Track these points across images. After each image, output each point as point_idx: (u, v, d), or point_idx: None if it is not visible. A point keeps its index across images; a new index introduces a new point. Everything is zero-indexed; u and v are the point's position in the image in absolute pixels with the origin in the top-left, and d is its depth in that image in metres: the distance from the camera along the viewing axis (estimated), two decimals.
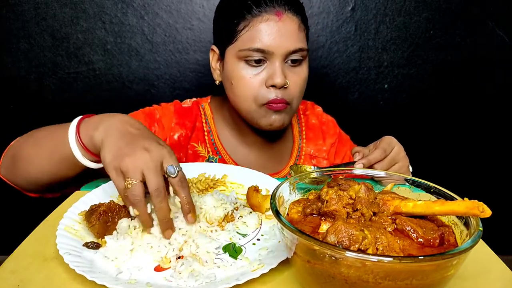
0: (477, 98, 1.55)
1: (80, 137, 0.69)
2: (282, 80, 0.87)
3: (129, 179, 0.59)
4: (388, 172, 0.59)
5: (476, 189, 1.64)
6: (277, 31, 0.87)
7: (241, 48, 0.88)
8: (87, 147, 0.69)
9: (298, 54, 0.90)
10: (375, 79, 1.50)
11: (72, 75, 1.44)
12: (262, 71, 0.89)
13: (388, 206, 0.49)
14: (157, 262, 0.56)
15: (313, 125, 1.13)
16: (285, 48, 0.87)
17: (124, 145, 0.62)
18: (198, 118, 1.05)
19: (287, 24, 0.88)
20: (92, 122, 0.70)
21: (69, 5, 1.36)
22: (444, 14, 1.43)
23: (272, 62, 0.88)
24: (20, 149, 0.78)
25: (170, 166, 0.61)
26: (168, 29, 1.41)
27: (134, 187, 0.58)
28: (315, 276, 0.42)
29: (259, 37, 0.87)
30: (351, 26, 1.44)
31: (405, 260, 0.36)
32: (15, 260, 0.55)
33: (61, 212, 0.65)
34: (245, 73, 0.89)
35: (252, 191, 0.71)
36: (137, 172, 0.59)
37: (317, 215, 0.51)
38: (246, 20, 0.87)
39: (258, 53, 0.87)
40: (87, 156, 0.71)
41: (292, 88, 0.91)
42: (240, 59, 0.89)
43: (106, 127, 0.67)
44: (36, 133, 0.79)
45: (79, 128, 0.70)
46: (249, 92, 0.90)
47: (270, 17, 0.86)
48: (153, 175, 0.59)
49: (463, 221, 0.47)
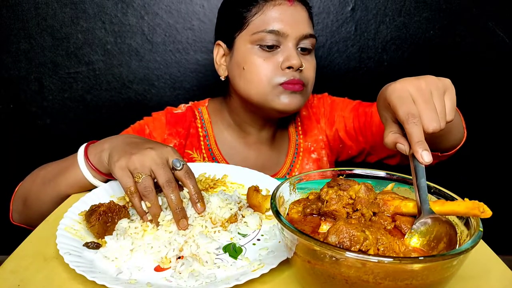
0: (477, 98, 1.55)
1: (90, 160, 0.74)
2: (298, 61, 0.88)
3: (138, 174, 0.63)
4: (388, 172, 0.58)
5: (476, 189, 1.64)
6: (290, 14, 0.89)
7: (254, 31, 0.90)
8: (97, 168, 0.74)
9: (309, 41, 0.92)
10: (375, 79, 1.49)
11: (72, 75, 1.44)
12: (276, 55, 0.90)
13: (388, 206, 0.49)
14: (157, 262, 0.56)
15: (304, 117, 1.12)
16: (298, 31, 0.89)
17: (130, 148, 0.67)
18: (192, 124, 1.04)
19: (298, 9, 0.91)
20: (99, 143, 0.75)
21: (69, 5, 1.36)
22: (444, 14, 1.43)
23: (285, 46, 0.90)
24: (29, 192, 0.82)
25: (175, 160, 0.66)
26: (168, 29, 1.41)
27: (144, 179, 0.63)
28: (315, 276, 0.42)
29: (273, 20, 0.89)
30: (351, 26, 1.44)
31: (405, 260, 0.36)
32: (15, 260, 0.55)
33: (61, 212, 0.65)
34: (258, 57, 0.90)
35: (252, 191, 0.71)
36: (145, 168, 0.64)
37: (317, 215, 0.51)
38: (258, 5, 0.90)
39: (272, 35, 0.88)
40: (98, 177, 0.76)
41: (307, 72, 0.93)
42: (253, 43, 0.90)
43: (110, 144, 0.72)
44: (41, 171, 0.83)
45: (87, 153, 0.75)
46: (264, 74, 0.90)
47: (283, 2, 0.89)
48: (161, 169, 0.64)
49: (464, 221, 0.47)
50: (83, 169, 0.75)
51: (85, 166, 0.75)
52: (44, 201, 0.79)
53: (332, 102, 1.12)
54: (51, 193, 0.78)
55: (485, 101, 1.55)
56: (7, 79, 1.43)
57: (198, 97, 1.15)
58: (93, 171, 0.74)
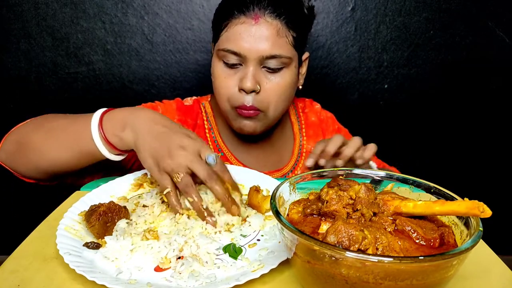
0: (477, 98, 1.55)
1: (106, 135, 0.70)
2: (251, 85, 0.86)
3: (176, 174, 0.64)
4: (388, 172, 0.59)
5: (476, 189, 1.64)
6: (252, 34, 0.85)
7: (219, 47, 0.89)
8: (115, 146, 0.71)
9: (276, 60, 0.87)
10: (375, 79, 1.49)
11: (72, 75, 1.44)
12: (237, 73, 0.89)
13: (388, 206, 0.49)
14: (157, 262, 0.56)
15: (312, 123, 1.13)
16: (258, 53, 0.86)
17: (159, 146, 0.66)
18: (200, 116, 1.05)
19: (263, 28, 0.85)
20: (117, 120, 0.71)
21: (69, 5, 1.36)
22: (444, 14, 1.43)
23: (246, 66, 0.88)
24: (30, 139, 0.77)
25: (210, 157, 0.66)
26: (168, 29, 1.41)
27: (183, 178, 0.64)
28: (315, 277, 0.42)
29: (234, 39, 0.86)
30: (351, 26, 1.44)
31: (405, 260, 0.36)
32: (15, 260, 0.55)
33: (61, 212, 0.65)
34: (221, 72, 0.90)
35: (253, 191, 0.71)
36: (181, 168, 0.64)
37: (317, 215, 0.51)
38: (227, 20, 0.88)
39: (232, 55, 0.87)
40: (113, 151, 0.73)
41: (266, 95, 0.90)
42: (219, 58, 0.90)
43: (133, 128, 0.69)
44: (47, 123, 0.78)
45: (101, 124, 0.71)
46: (223, 91, 0.91)
47: (246, 20, 0.86)
48: (198, 165, 0.64)
49: (463, 221, 0.47)
50: (98, 142, 0.71)
51: (100, 140, 0.71)
52: (44, 158, 0.75)
53: (338, 129, 1.16)
54: (53, 154, 0.75)
55: (485, 101, 1.55)
56: (7, 79, 1.43)
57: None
58: (109, 146, 0.71)
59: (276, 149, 1.08)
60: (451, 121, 1.58)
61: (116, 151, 0.73)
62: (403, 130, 1.59)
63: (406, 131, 1.60)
